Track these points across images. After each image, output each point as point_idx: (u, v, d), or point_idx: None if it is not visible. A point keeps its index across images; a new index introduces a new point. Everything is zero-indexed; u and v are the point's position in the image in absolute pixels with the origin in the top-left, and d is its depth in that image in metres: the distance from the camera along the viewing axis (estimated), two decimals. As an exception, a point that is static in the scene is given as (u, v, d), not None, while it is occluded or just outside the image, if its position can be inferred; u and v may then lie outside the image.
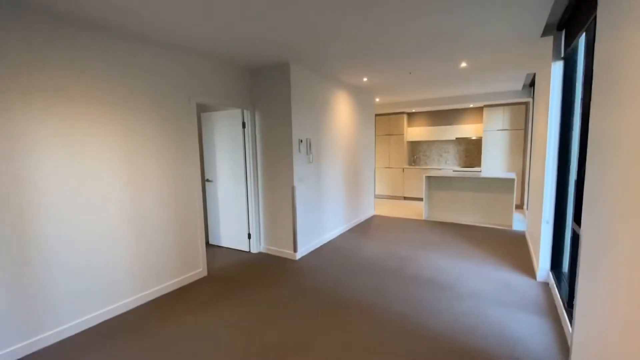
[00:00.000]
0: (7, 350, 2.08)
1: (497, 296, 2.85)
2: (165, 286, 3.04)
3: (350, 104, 5.13)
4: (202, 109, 4.51)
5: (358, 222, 5.57)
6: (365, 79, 4.60)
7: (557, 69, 2.77)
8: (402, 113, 7.74)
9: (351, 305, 2.76)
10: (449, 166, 7.85)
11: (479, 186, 5.45)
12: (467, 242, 4.43)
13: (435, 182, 5.86)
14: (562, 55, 2.70)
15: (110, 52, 2.53)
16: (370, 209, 6.15)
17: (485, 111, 6.82)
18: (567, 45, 2.57)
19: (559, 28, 2.69)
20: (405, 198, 7.91)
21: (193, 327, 2.47)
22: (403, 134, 7.75)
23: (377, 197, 8.25)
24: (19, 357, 2.13)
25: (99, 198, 2.52)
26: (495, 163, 6.85)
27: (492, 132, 6.81)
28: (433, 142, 8.04)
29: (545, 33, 2.84)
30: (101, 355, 2.15)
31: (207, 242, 4.56)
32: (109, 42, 2.52)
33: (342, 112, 4.86)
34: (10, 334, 2.09)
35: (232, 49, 3.09)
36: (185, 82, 3.14)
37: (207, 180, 4.40)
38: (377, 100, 6.94)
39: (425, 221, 5.68)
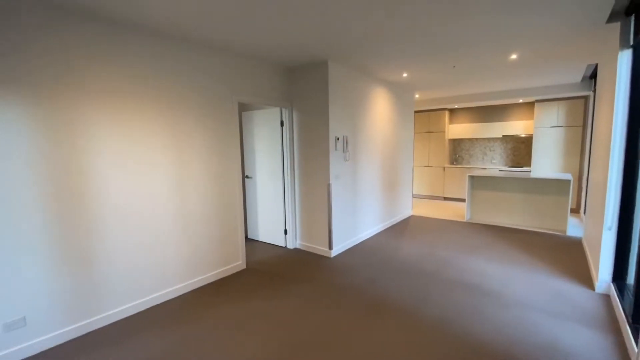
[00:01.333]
0: (73, 326, 2.33)
1: (548, 306, 2.64)
2: (208, 277, 3.21)
3: (389, 100, 5.02)
4: (242, 108, 4.68)
5: (395, 222, 5.45)
6: (405, 75, 4.47)
7: (625, 58, 2.49)
8: (444, 109, 7.42)
9: (386, 305, 2.71)
10: (494, 165, 7.39)
11: (529, 187, 5.07)
12: (515, 246, 4.15)
13: (479, 182, 5.55)
14: (631, 43, 2.41)
15: (159, 55, 2.71)
16: (408, 209, 5.99)
17: (537, 106, 6.32)
18: (637, 32, 2.29)
19: (628, 13, 2.40)
20: (445, 198, 7.59)
21: (232, 316, 2.58)
22: (444, 131, 7.43)
23: (415, 196, 8.01)
24: (82, 333, 2.37)
25: (151, 194, 2.72)
26: (547, 163, 6.32)
27: (545, 129, 6.29)
28: (477, 139, 7.61)
29: (611, 19, 2.55)
30: (150, 336, 2.32)
31: (245, 237, 4.73)
32: (159, 46, 2.70)
33: (379, 109, 4.77)
34: (75, 312, 2.34)
35: (271, 49, 3.16)
36: (228, 81, 3.28)
37: (247, 177, 4.56)
38: (417, 96, 6.72)
39: (468, 223, 5.40)
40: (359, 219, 4.43)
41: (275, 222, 4.32)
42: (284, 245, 4.30)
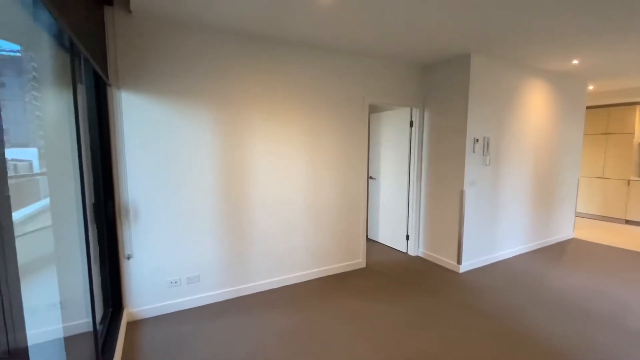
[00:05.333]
0: (229, 289, 2.87)
1: None
2: (331, 268, 3.40)
3: (548, 94, 4.12)
4: (370, 110, 4.73)
5: (547, 244, 4.46)
6: (575, 62, 3.58)
7: None
8: (634, 103, 5.59)
9: (530, 342, 2.23)
10: None
11: None
12: None
13: (693, 204, 3.92)
14: None
15: (300, 61, 3.02)
16: (568, 229, 4.79)
17: None
18: None
19: None
20: (627, 222, 5.72)
21: (350, 310, 2.64)
22: (632, 133, 5.59)
23: (580, 215, 6.33)
24: (234, 296, 2.89)
25: (290, 188, 3.07)
26: None
27: None
28: (693, 144, 5.42)
29: None
30: (287, 309, 2.63)
31: (366, 236, 4.78)
32: (301, 53, 3.01)
33: (534, 106, 3.98)
34: (227, 279, 2.87)
35: (409, 48, 3.05)
36: (360, 83, 3.37)
37: (370, 178, 4.59)
38: (590, 87, 5.30)
39: (668, 259, 3.91)
40: (497, 233, 3.82)
41: (396, 226, 4.20)
42: (404, 251, 4.13)
